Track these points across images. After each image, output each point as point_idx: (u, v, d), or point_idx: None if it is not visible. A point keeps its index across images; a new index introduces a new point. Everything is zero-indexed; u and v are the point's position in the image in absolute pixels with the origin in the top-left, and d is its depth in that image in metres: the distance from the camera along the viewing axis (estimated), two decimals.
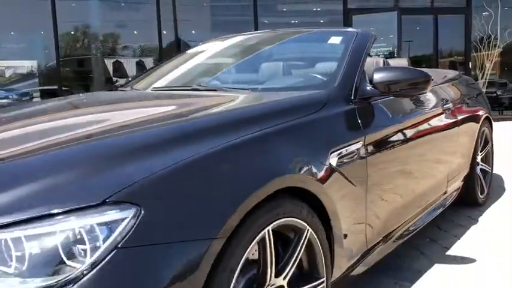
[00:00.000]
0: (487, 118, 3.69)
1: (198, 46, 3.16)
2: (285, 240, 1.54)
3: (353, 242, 1.87)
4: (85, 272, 1.08)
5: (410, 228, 2.52)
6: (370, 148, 1.96)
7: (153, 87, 2.60)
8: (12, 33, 8.88)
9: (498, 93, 10.11)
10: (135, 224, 1.13)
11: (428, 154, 2.64)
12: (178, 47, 8.62)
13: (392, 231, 2.29)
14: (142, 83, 2.76)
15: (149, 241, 1.14)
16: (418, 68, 2.46)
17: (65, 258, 1.10)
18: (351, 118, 1.98)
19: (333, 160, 1.73)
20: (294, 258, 1.53)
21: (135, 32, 9.53)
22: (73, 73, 9.18)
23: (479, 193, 3.54)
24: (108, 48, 9.48)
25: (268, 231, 1.41)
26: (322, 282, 1.66)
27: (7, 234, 1.09)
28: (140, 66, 9.23)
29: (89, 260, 1.09)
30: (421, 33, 9.56)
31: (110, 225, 1.12)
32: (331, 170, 1.70)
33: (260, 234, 1.38)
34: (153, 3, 8.33)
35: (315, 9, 9.46)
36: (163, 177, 1.24)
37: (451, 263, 2.57)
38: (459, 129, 3.08)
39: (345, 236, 1.79)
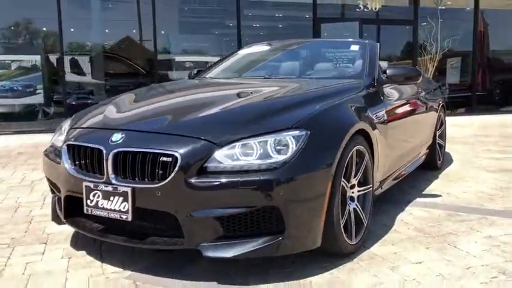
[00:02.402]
0: (442, 106, 5.10)
1: (247, 48, 4.32)
2: (356, 161, 2.75)
3: (380, 171, 3.12)
4: (286, 160, 2.23)
5: (402, 173, 3.81)
6: (387, 115, 3.22)
7: (242, 76, 3.76)
8: None
9: None
10: (306, 138, 2.30)
11: (414, 124, 3.96)
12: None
13: (392, 172, 3.56)
14: (218, 74, 3.89)
15: (313, 147, 2.31)
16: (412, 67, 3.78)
17: (272, 154, 2.24)
18: (377, 96, 3.23)
19: (373, 118, 2.97)
20: (360, 170, 2.74)
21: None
22: None
23: (437, 159, 4.93)
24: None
25: (353, 151, 2.61)
26: (370, 187, 2.89)
27: (252, 140, 2.23)
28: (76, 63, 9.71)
29: (288, 154, 2.24)
30: (377, 41, 11.10)
31: (296, 138, 2.28)
32: (373, 124, 2.93)
33: (351, 152, 2.58)
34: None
35: (287, 15, 10.74)
36: (313, 117, 2.43)
37: (426, 197, 3.90)
38: (427, 110, 4.43)
39: (377, 166, 3.03)
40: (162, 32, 9.19)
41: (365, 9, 10.37)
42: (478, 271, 2.44)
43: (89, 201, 2.37)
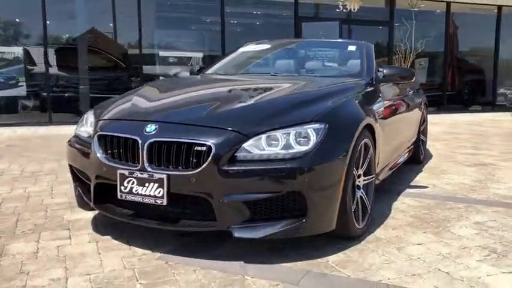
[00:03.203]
0: (425, 103, 5.45)
1: (246, 46, 4.52)
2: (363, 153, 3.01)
3: (379, 161, 3.39)
4: (309, 150, 2.47)
5: (394, 166, 4.11)
6: (384, 111, 3.50)
7: (248, 73, 4.00)
8: None
9: None
10: (325, 130, 2.54)
11: (404, 120, 4.27)
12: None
13: (386, 165, 3.85)
14: (225, 71, 4.09)
15: (331, 138, 2.55)
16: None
17: (295, 144, 2.47)
18: (376, 93, 3.51)
19: (375, 113, 3.24)
20: (366, 161, 3.01)
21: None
22: None
23: (420, 154, 5.28)
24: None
25: (362, 143, 2.87)
26: (373, 177, 3.16)
27: (277, 132, 2.46)
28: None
29: (310, 145, 2.48)
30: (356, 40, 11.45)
31: (316, 130, 2.52)
32: (376, 120, 3.20)
33: (361, 144, 2.84)
34: None
35: (269, 13, 10.97)
36: (329, 111, 2.67)
37: (415, 188, 4.22)
38: (414, 108, 4.76)
39: (378, 157, 3.31)
40: (145, 26, 9.25)
41: (344, 10, 10.71)
42: (472, 251, 2.74)
43: (122, 187, 2.54)
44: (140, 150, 2.49)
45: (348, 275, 2.39)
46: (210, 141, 2.40)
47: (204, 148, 2.40)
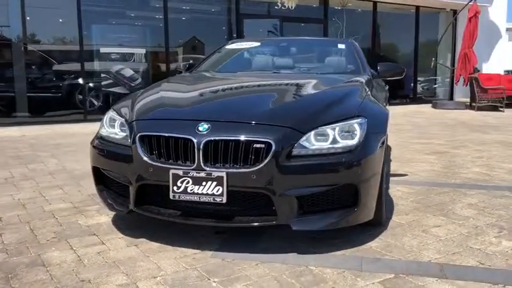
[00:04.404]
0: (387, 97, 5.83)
1: (234, 44, 4.55)
2: None
3: None
4: (358, 143, 2.61)
5: None
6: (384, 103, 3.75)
7: (250, 70, 4.08)
8: None
9: None
10: (366, 124, 2.70)
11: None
12: None
13: None
14: (215, 68, 4.11)
15: (371, 131, 2.71)
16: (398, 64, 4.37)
17: (342, 139, 2.61)
18: (378, 87, 3.74)
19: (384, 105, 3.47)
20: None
21: None
22: None
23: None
24: None
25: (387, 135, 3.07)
26: (385, 167, 3.38)
27: (327, 127, 2.57)
28: None
29: (357, 138, 2.62)
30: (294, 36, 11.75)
31: (361, 124, 2.67)
32: None
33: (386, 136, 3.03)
34: None
35: (213, 10, 10.92)
36: (363, 106, 2.84)
37: (397, 176, 4.54)
38: (388, 100, 5.09)
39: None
40: (86, 21, 8.83)
41: (282, 7, 10.99)
42: (485, 229, 3.05)
43: (175, 187, 2.51)
44: (196, 150, 2.48)
45: (398, 257, 2.58)
46: (270, 139, 2.45)
47: (263, 145, 2.45)
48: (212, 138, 2.48)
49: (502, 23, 15.47)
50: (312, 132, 2.55)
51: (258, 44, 4.55)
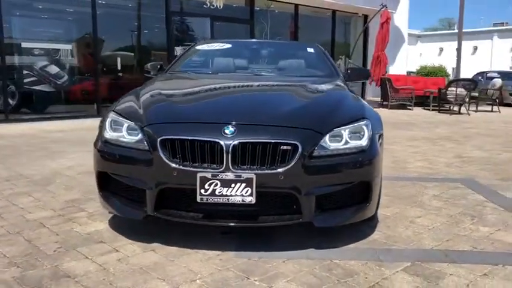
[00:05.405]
0: None
1: (204, 44, 4.56)
2: None
3: None
4: (368, 143, 2.81)
5: None
6: None
7: (234, 72, 4.15)
8: None
9: None
10: (371, 125, 2.91)
11: None
12: None
13: None
14: (187, 69, 4.14)
15: (374, 132, 2.92)
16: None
17: (352, 140, 2.80)
18: (348, 87, 3.98)
19: None
20: None
21: None
22: None
23: None
24: None
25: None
26: None
27: (341, 128, 2.74)
28: None
29: (366, 140, 2.82)
30: (224, 35, 11.78)
31: (367, 126, 2.87)
32: None
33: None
34: None
35: (141, 6, 10.59)
36: (364, 107, 3.05)
37: None
38: None
39: None
40: (6, 13, 8.17)
41: (211, 7, 11.02)
42: (459, 217, 3.43)
43: (203, 190, 2.52)
44: (225, 152, 2.51)
45: (404, 247, 2.83)
46: (297, 140, 2.57)
47: (289, 147, 2.56)
48: (241, 141, 2.53)
49: (404, 29, 16.89)
50: (331, 133, 2.71)
51: (229, 46, 4.59)
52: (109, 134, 2.86)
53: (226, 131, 2.56)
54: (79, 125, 8.48)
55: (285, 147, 2.56)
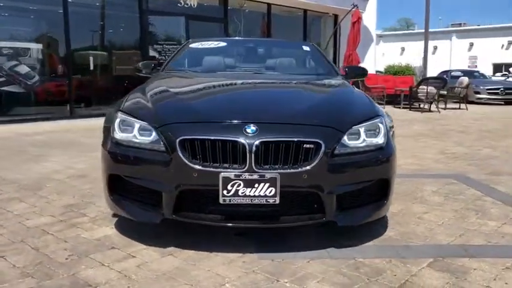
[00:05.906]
0: None
1: (195, 43, 4.45)
2: None
3: None
4: (385, 140, 2.80)
5: None
6: None
7: (234, 70, 4.05)
8: None
9: None
10: (384, 122, 2.91)
11: None
12: None
13: None
14: (183, 68, 4.05)
15: (387, 129, 2.93)
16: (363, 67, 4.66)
17: (365, 138, 2.78)
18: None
19: None
20: None
21: None
22: None
23: None
24: None
25: None
26: None
27: (360, 126, 2.72)
28: None
29: (382, 137, 2.81)
30: (199, 34, 11.59)
31: (382, 123, 2.87)
32: None
33: None
34: None
35: (115, 4, 10.29)
36: (376, 106, 3.04)
37: None
38: None
39: None
40: None
41: (185, 5, 10.85)
42: (464, 212, 3.48)
43: (225, 191, 2.45)
44: (248, 152, 2.44)
45: (422, 243, 2.84)
46: (320, 139, 2.53)
47: (312, 145, 2.52)
48: (264, 140, 2.47)
49: (372, 28, 17.16)
50: (350, 131, 2.68)
51: (224, 44, 4.51)
52: (119, 135, 2.74)
53: (248, 130, 2.50)
54: (54, 127, 8.18)
55: (308, 145, 2.52)
